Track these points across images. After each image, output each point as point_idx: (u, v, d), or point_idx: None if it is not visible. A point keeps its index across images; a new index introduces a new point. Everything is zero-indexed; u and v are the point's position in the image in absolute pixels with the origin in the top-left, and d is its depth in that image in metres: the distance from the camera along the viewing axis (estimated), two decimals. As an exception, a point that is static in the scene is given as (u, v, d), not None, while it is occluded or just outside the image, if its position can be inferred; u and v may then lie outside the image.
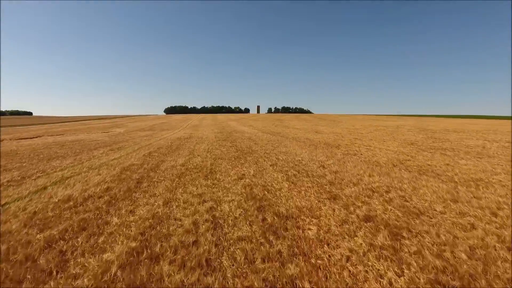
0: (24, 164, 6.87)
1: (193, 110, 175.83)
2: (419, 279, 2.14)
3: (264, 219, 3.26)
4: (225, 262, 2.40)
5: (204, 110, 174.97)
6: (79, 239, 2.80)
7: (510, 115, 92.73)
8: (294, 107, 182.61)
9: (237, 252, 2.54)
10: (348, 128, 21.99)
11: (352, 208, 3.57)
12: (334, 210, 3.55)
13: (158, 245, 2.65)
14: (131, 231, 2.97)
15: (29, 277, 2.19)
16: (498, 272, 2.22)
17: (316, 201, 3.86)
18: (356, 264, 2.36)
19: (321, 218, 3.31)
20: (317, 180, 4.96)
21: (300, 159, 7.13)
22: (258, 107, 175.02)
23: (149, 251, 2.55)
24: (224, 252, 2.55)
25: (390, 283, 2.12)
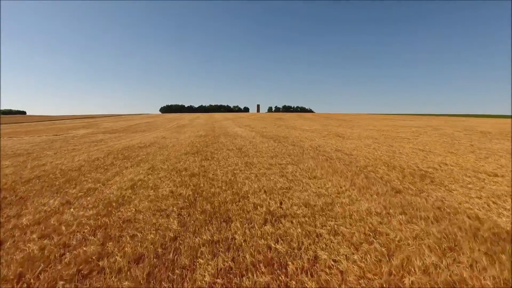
0: None
1: (190, 109, 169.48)
2: None
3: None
4: None
5: (202, 109, 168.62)
6: None
7: (510, 114, 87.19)
8: (295, 106, 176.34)
9: None
10: (373, 129, 16.49)
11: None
12: None
13: None
14: None
15: None
16: None
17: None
18: None
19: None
20: None
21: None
22: (258, 106, 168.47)
23: None
24: None
25: None
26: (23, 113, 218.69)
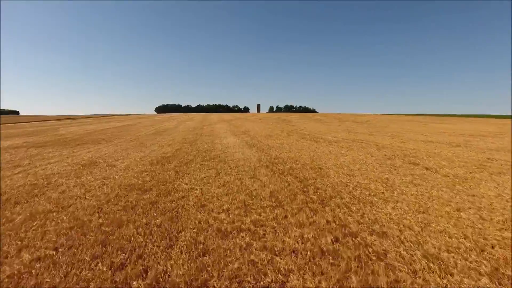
0: None
1: (187, 109, 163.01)
2: None
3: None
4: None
5: (200, 109, 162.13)
6: None
7: (510, 114, 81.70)
8: (298, 106, 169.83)
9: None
10: (432, 140, 10.38)
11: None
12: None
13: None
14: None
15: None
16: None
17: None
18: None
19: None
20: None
21: None
22: (259, 105, 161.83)
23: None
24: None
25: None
26: (16, 113, 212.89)
